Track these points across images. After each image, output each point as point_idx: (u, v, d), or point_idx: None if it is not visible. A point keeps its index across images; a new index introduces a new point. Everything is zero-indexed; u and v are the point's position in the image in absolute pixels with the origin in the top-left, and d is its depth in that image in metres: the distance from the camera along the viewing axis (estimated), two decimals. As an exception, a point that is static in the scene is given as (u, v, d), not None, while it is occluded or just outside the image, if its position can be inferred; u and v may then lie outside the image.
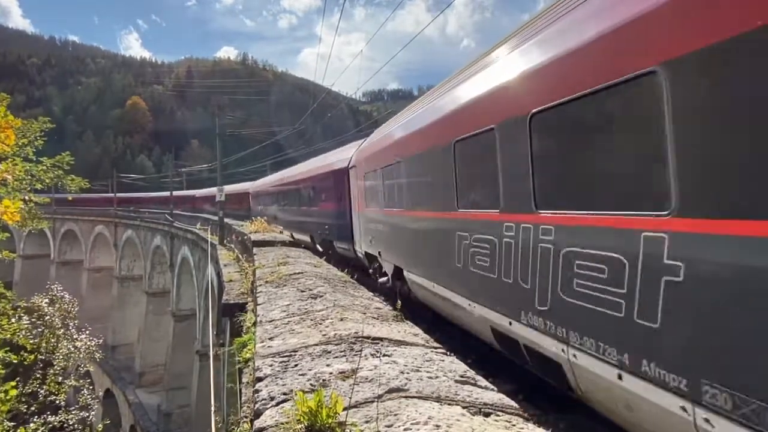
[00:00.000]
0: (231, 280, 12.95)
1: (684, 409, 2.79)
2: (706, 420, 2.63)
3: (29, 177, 19.21)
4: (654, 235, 2.97)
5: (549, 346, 4.22)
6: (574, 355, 3.84)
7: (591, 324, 3.59)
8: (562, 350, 4.01)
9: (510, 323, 4.93)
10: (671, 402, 2.88)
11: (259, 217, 26.71)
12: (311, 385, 3.36)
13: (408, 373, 3.63)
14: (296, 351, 4.24)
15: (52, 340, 20.23)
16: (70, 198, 30.65)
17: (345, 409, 2.70)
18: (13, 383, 14.77)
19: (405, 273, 8.97)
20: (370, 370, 3.64)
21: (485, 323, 5.62)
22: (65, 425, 19.05)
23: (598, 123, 3.67)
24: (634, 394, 3.22)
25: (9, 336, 17.84)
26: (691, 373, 2.74)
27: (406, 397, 3.13)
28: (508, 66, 4.94)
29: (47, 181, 20.27)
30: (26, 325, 19.05)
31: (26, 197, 19.19)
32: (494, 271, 5.19)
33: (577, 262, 3.73)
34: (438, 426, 2.64)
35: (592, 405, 4.10)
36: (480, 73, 5.69)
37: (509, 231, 4.83)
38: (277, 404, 3.08)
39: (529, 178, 4.42)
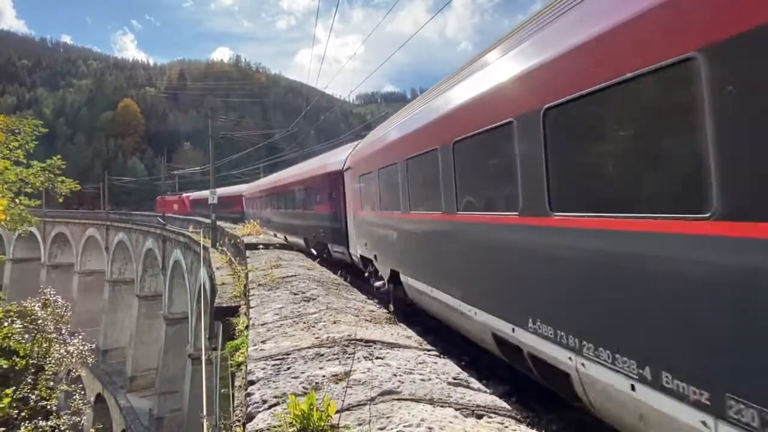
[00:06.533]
0: (223, 284, 12.89)
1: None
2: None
3: (20, 181, 19.12)
4: None
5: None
6: None
7: None
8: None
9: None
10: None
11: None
12: (304, 388, 3.35)
13: (401, 375, 3.63)
14: (289, 354, 4.23)
15: (44, 345, 19.99)
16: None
17: (337, 411, 2.70)
18: (8, 390, 14.64)
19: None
20: (363, 372, 3.64)
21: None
22: (56, 430, 18.80)
23: None
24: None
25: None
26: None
27: (398, 399, 3.13)
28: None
29: (38, 184, 20.19)
30: (18, 330, 18.83)
31: (16, 199, 19.08)
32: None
33: None
34: (431, 428, 2.64)
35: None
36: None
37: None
38: (270, 407, 3.07)
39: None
